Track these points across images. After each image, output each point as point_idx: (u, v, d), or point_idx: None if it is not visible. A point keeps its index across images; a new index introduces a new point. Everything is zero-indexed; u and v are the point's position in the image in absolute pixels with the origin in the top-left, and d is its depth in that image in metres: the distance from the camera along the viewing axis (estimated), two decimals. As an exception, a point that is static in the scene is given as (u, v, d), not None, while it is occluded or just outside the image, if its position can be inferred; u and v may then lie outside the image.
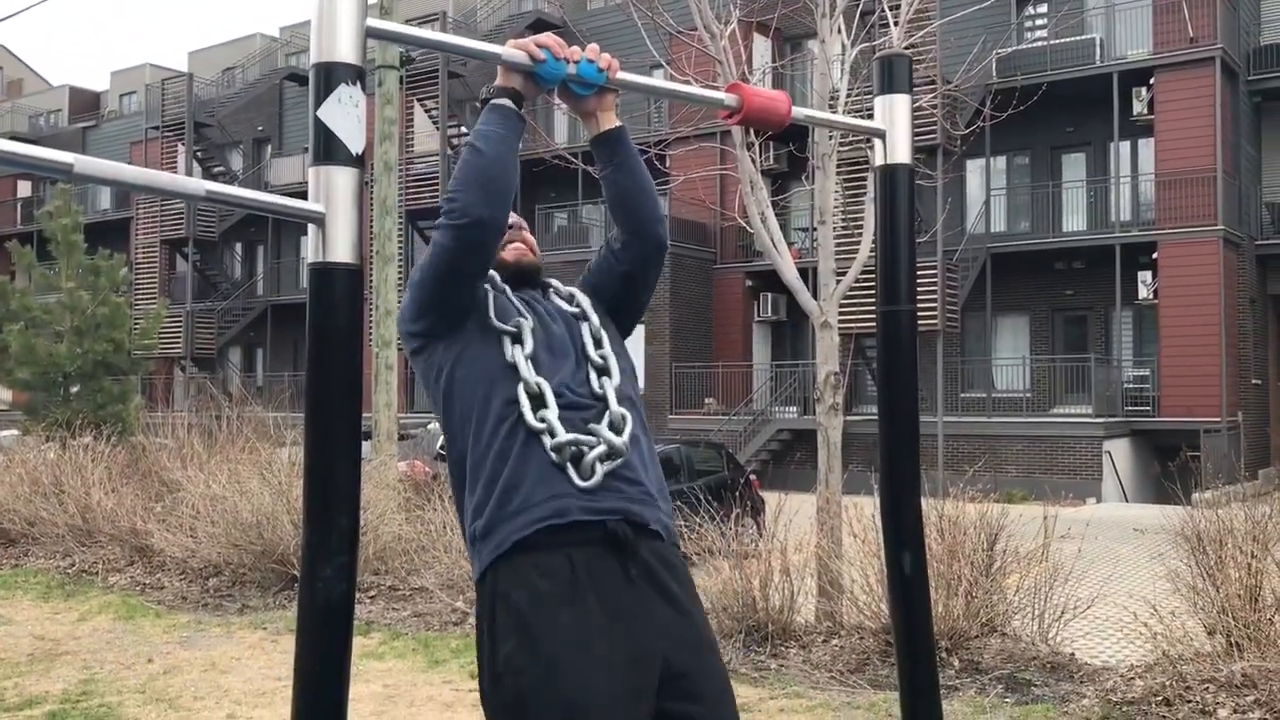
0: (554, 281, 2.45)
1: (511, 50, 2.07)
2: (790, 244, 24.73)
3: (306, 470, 1.81)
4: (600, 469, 2.10)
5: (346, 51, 1.79)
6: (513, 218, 2.44)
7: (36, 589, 9.08)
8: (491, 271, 2.33)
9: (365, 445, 13.29)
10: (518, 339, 2.21)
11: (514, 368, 2.17)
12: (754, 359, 26.18)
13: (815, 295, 8.13)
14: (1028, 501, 17.77)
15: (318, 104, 1.78)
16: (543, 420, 2.11)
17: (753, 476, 13.88)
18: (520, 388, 2.14)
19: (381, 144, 11.57)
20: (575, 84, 2.14)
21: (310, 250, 1.80)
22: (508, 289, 2.32)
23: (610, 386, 2.21)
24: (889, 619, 2.26)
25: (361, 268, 1.81)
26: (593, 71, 2.13)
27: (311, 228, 1.79)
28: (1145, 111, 22.11)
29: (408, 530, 8.77)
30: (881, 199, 2.47)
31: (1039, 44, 23.22)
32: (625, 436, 2.14)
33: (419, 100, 28.80)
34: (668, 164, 13.93)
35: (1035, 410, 22.37)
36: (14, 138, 43.00)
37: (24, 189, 43.79)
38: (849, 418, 13.79)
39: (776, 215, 8.52)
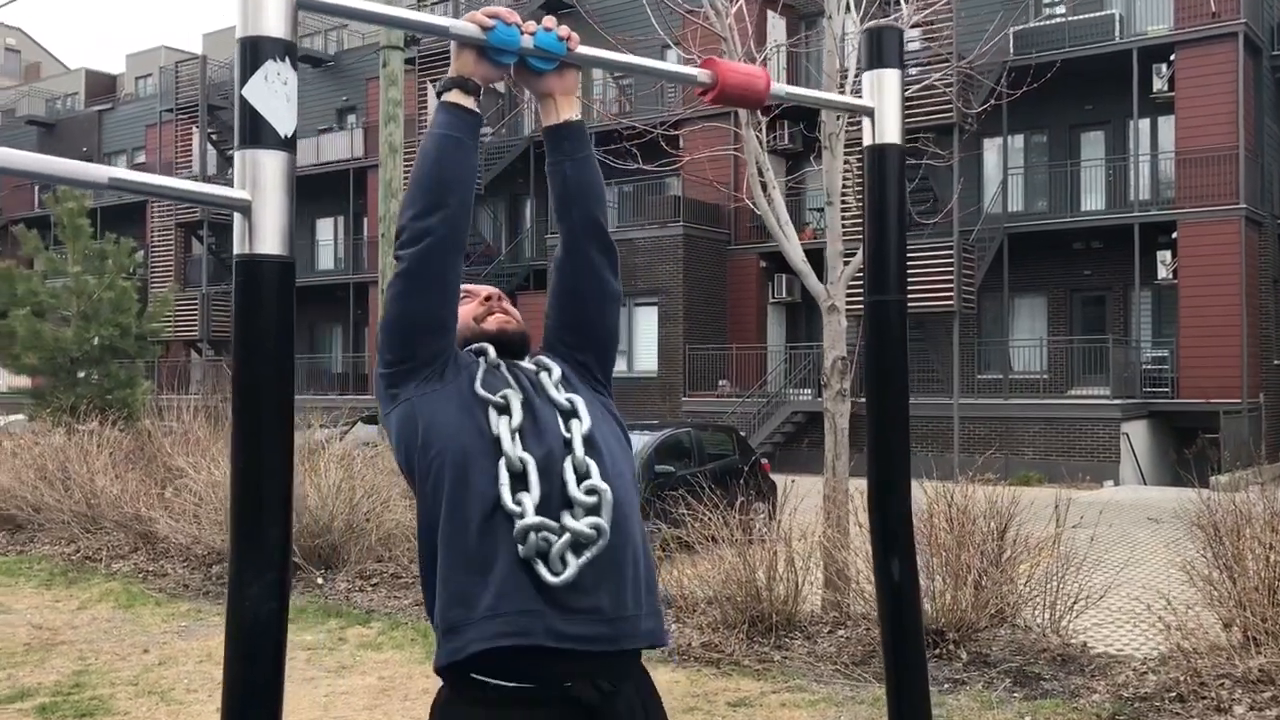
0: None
1: (460, 23, 1.92)
2: (805, 224, 24.53)
3: (234, 475, 1.68)
4: (573, 561, 1.90)
5: (274, 25, 1.65)
6: (489, 289, 2.29)
7: (40, 576, 9.04)
8: (486, 345, 2.17)
9: (372, 429, 13.25)
10: (505, 410, 2.01)
11: (497, 441, 1.97)
12: (768, 341, 25.99)
13: (823, 278, 7.97)
14: (1044, 484, 17.60)
15: (243, 82, 1.65)
16: (519, 504, 1.92)
17: (763, 460, 13.72)
18: (502, 464, 1.95)
19: (386, 125, 11.47)
20: (533, 57, 1.99)
21: (235, 241, 1.66)
22: (502, 365, 2.13)
23: (571, 466, 1.98)
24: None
25: (293, 260, 1.67)
26: (552, 40, 1.97)
27: (237, 217, 1.65)
28: (1165, 89, 21.75)
29: (410, 517, 8.67)
30: (870, 181, 2.30)
31: (1057, 20, 22.85)
32: (598, 519, 1.93)
33: (430, 81, 28.63)
34: (680, 144, 13.74)
35: (1052, 392, 22.12)
36: (31, 121, 43.23)
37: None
38: (857, 401, 13.59)
39: (790, 195, 8.35)
